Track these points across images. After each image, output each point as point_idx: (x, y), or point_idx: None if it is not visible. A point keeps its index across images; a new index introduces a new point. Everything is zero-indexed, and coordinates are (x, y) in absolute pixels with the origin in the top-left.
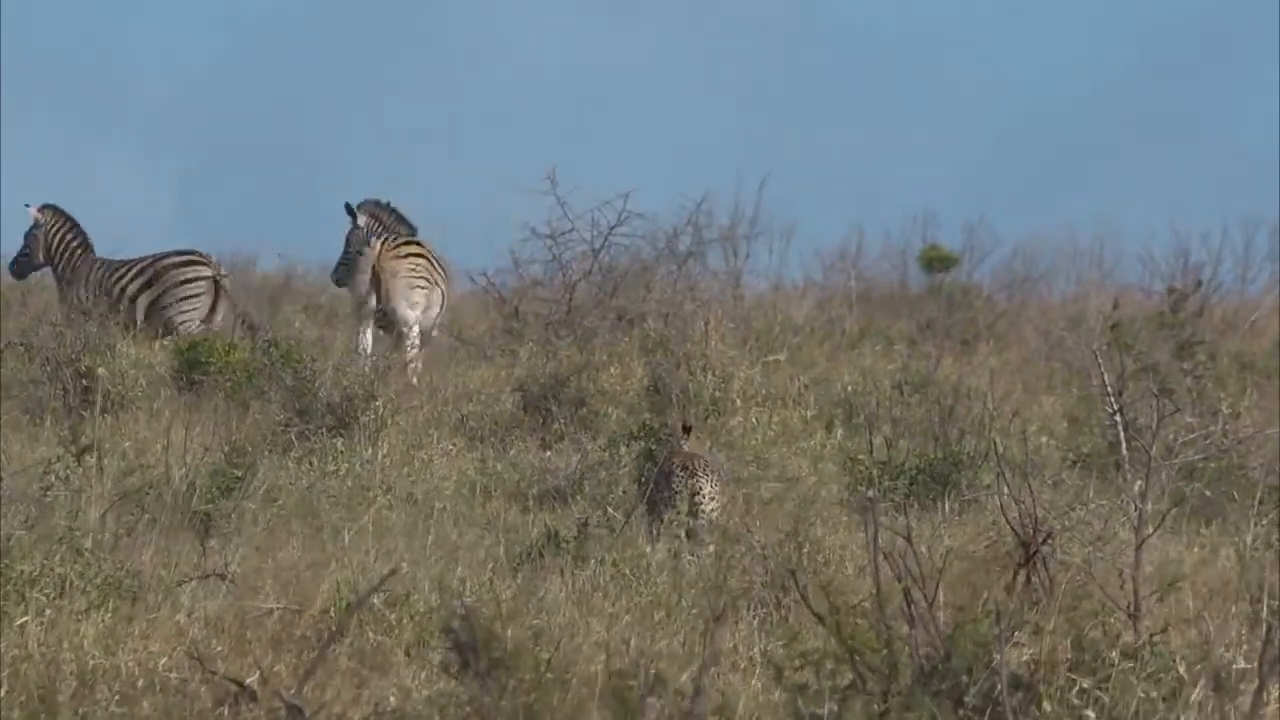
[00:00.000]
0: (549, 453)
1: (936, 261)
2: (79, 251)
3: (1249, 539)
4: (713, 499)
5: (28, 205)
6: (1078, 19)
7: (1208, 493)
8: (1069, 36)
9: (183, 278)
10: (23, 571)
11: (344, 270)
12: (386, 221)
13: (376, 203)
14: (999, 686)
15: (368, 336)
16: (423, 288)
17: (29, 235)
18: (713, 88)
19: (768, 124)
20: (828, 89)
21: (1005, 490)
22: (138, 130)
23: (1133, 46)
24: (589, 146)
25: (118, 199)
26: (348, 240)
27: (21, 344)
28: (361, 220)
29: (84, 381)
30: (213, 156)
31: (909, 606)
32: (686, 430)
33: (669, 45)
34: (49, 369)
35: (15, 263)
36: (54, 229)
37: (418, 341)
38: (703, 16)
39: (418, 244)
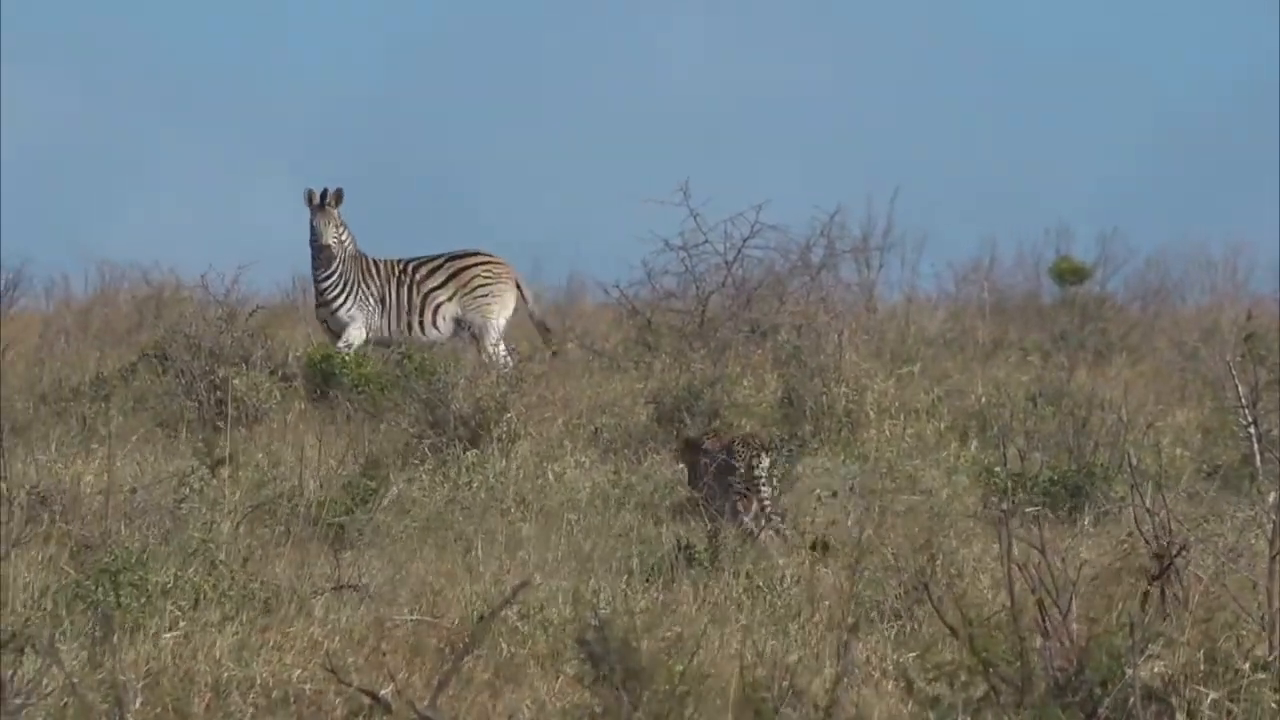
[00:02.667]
0: (682, 464)
1: (1068, 273)
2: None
3: None
4: (775, 466)
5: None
6: (1218, 32)
7: None
8: (1207, 49)
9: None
10: (158, 583)
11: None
12: None
13: None
14: (1132, 699)
15: (502, 348)
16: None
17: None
18: (846, 99)
19: (901, 135)
20: (960, 100)
21: (1139, 502)
22: (289, 148)
23: (1273, 60)
24: (722, 158)
25: (269, 216)
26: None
27: (156, 356)
28: None
29: (218, 394)
30: (361, 174)
31: (1043, 618)
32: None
33: (802, 57)
34: (184, 381)
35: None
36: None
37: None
38: (835, 28)
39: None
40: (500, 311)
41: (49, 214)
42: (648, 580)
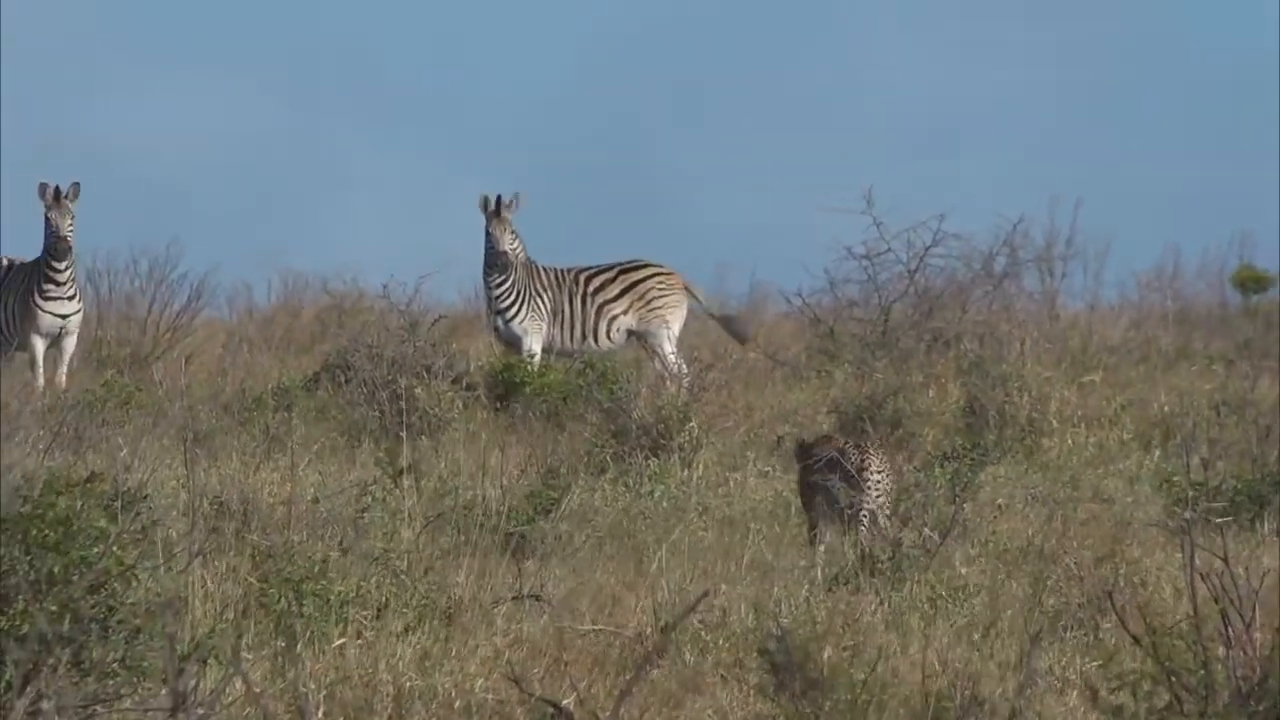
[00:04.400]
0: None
1: (1250, 282)
2: None
3: None
4: (883, 476)
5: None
6: None
7: None
8: None
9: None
10: (340, 593)
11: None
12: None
13: None
14: None
15: (679, 358)
16: None
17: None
18: (1029, 107)
19: (1084, 143)
20: (1143, 107)
21: None
22: (477, 155)
23: None
24: (905, 166)
25: (454, 223)
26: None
27: (338, 366)
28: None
29: (400, 403)
30: (545, 180)
31: (1226, 628)
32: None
33: (984, 65)
34: (366, 391)
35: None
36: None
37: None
38: (1018, 37)
39: None
40: (676, 322)
41: (233, 222)
42: (830, 589)
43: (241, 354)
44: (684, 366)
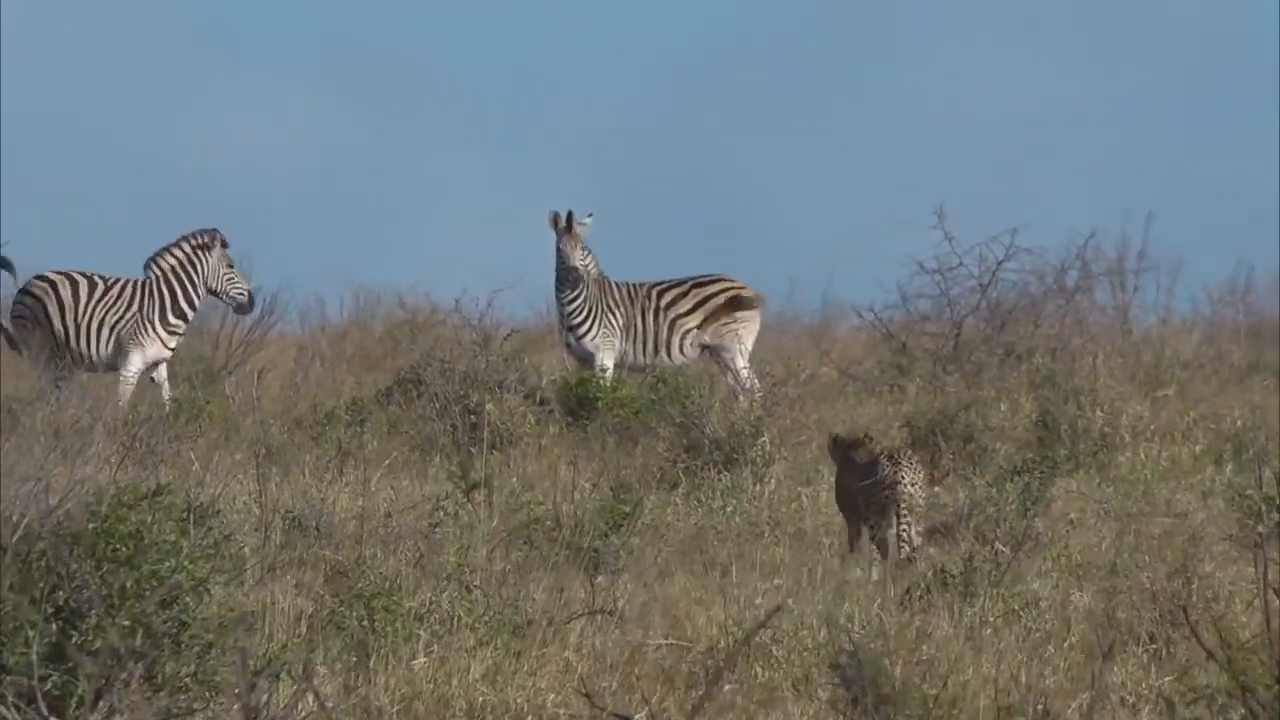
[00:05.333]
0: (937, 488)
1: None
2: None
3: None
4: (919, 488)
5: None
6: None
7: None
8: None
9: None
10: (412, 608)
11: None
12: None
13: None
14: None
15: (751, 372)
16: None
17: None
18: (1100, 122)
19: (1156, 157)
20: (1215, 121)
21: None
22: (554, 170)
23: None
24: (977, 181)
25: (529, 238)
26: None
27: (411, 381)
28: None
29: (472, 418)
30: (621, 196)
31: None
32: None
33: (1054, 80)
34: (438, 406)
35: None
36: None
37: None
38: (1089, 51)
39: None
40: (748, 336)
41: (306, 237)
42: (901, 604)
43: (314, 369)
44: (756, 381)
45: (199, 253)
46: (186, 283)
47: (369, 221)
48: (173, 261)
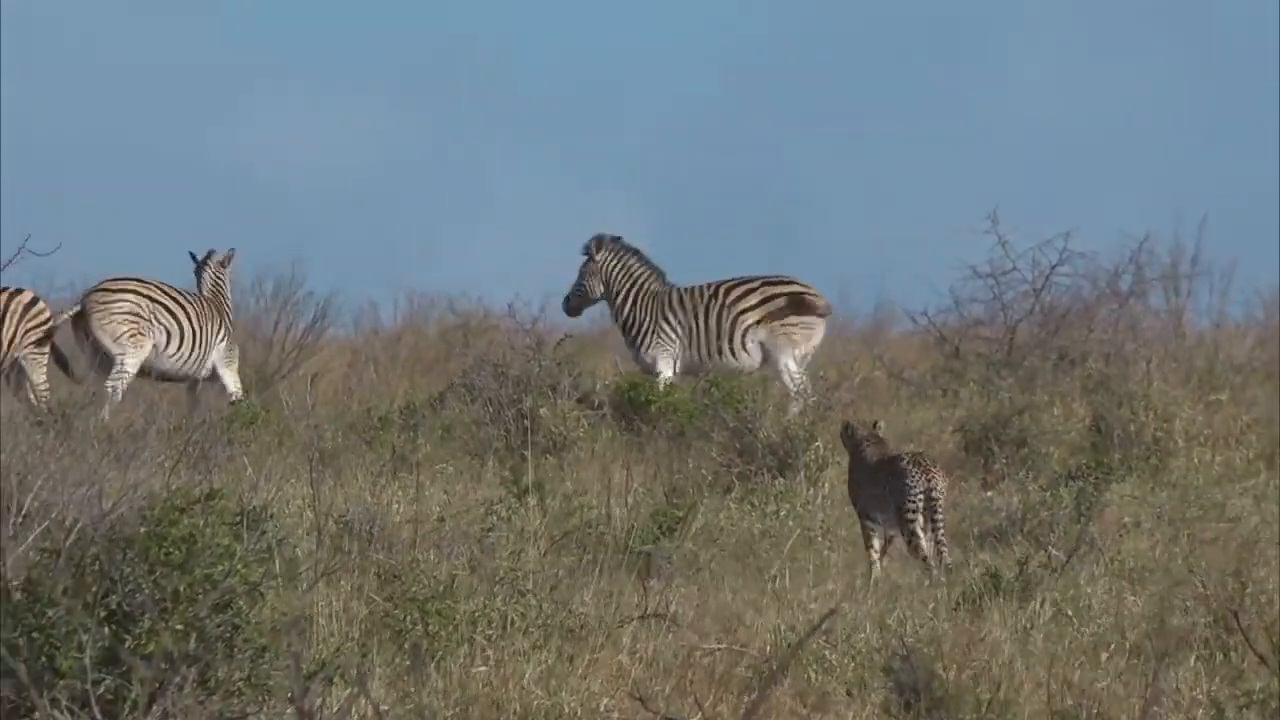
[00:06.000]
0: (990, 493)
1: None
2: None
3: None
4: (945, 495)
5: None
6: None
7: None
8: None
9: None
10: (465, 612)
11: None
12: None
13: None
14: None
15: (803, 377)
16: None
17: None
18: (1152, 125)
19: (1208, 160)
20: (1268, 122)
21: None
22: (604, 169)
23: None
24: (1029, 185)
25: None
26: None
27: (464, 385)
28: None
29: (525, 422)
30: (680, 200)
31: None
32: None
33: (1105, 84)
34: (491, 410)
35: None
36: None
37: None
38: (1139, 55)
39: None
40: (804, 342)
41: (359, 241)
42: (955, 608)
43: (367, 373)
44: (809, 386)
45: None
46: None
47: (422, 225)
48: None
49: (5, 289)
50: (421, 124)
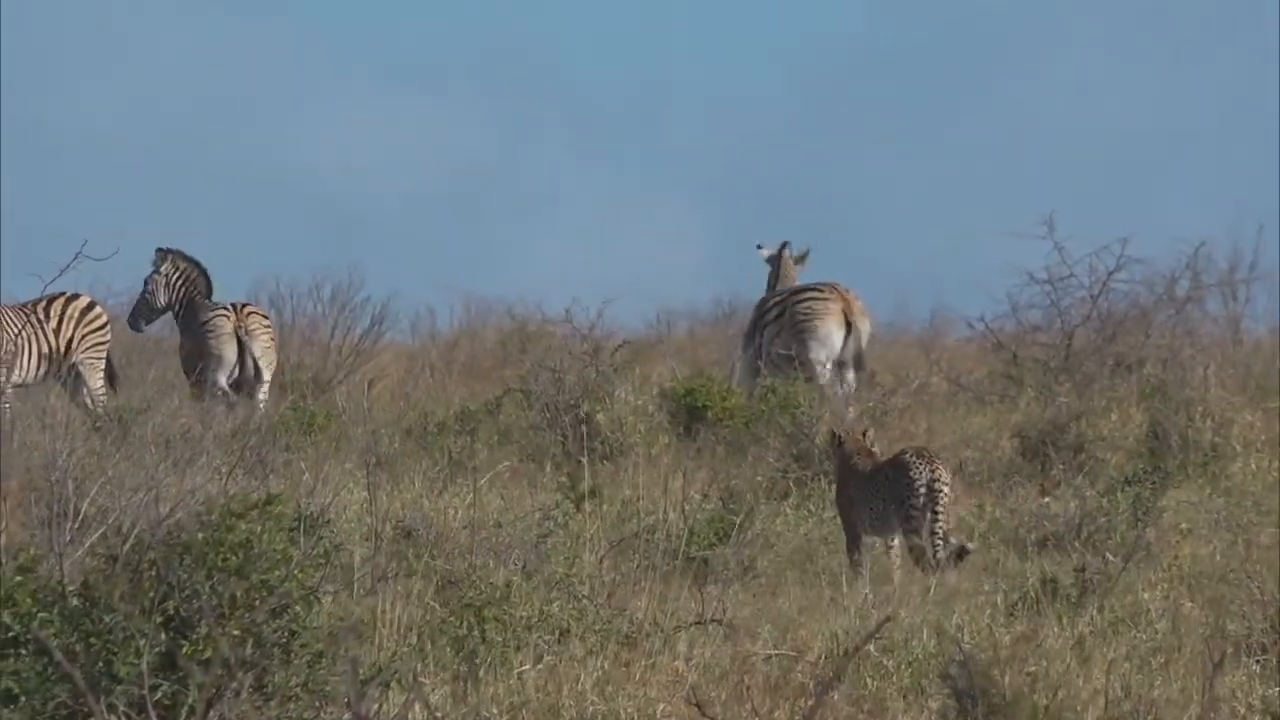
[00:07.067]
0: (1047, 499)
1: None
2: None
3: None
4: (950, 488)
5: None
6: None
7: None
8: None
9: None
10: (522, 617)
11: None
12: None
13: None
14: None
15: (836, 377)
16: None
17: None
18: (1211, 131)
19: (1266, 167)
20: None
21: None
22: (661, 177)
23: None
24: (1086, 191)
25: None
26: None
27: (521, 390)
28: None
29: (583, 427)
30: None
31: None
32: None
33: (1162, 90)
34: (548, 415)
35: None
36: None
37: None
38: (1195, 61)
39: None
40: (816, 347)
41: (416, 247)
42: (1012, 614)
43: (424, 378)
44: (839, 388)
45: None
46: None
47: (479, 231)
48: None
49: (63, 294)
50: (480, 130)
